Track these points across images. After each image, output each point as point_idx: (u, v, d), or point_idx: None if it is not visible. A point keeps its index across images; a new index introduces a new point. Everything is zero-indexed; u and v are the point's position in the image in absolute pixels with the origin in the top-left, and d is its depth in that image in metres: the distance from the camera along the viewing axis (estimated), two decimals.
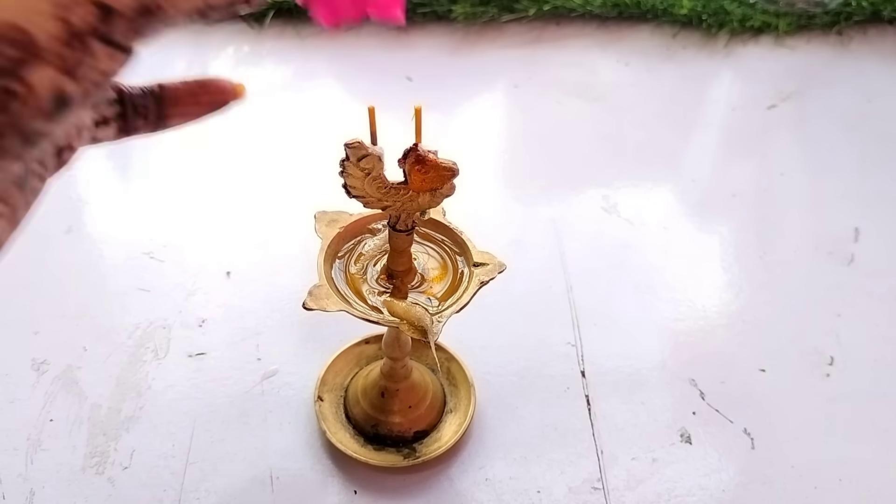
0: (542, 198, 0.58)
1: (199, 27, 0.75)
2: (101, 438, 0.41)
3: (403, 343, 0.38)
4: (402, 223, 0.32)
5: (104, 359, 0.45)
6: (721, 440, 0.42)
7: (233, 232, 0.54)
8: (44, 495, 0.38)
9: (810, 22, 0.77)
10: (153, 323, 0.47)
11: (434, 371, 0.44)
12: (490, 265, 0.34)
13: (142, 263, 0.51)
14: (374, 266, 0.35)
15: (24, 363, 0.44)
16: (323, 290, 0.32)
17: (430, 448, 0.40)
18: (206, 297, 0.49)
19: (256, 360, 0.45)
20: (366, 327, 0.38)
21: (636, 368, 0.46)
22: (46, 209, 0.61)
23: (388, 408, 0.40)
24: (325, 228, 0.35)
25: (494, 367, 0.45)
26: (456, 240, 0.36)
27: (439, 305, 0.33)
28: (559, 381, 0.45)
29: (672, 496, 0.40)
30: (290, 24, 0.74)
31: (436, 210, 0.35)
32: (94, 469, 0.40)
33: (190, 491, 0.39)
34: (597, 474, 0.41)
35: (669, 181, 0.60)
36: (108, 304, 0.48)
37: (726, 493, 0.40)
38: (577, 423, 0.43)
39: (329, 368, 0.44)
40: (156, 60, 0.75)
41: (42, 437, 0.41)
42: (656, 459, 0.41)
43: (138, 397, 0.43)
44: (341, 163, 0.29)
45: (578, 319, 0.48)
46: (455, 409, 0.42)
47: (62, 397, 0.43)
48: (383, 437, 0.40)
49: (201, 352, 0.46)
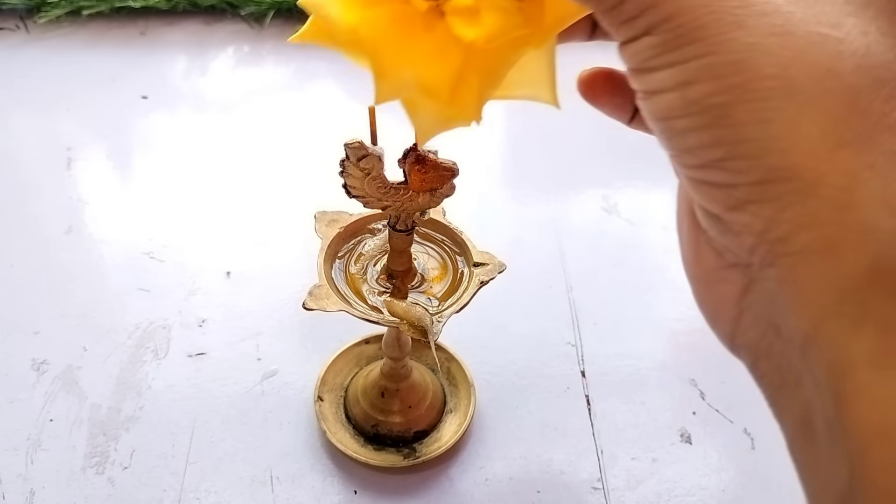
0: (542, 198, 0.58)
1: (200, 27, 0.75)
2: (101, 438, 0.41)
3: (403, 343, 0.38)
4: (402, 223, 0.32)
5: (104, 359, 0.45)
6: (721, 440, 0.42)
7: (233, 232, 0.54)
8: (44, 495, 0.38)
9: None
10: (153, 323, 0.47)
11: (434, 371, 0.44)
12: (490, 265, 0.34)
13: (142, 263, 0.51)
14: (374, 266, 0.35)
15: (24, 363, 0.44)
16: (323, 290, 0.32)
17: (430, 448, 0.40)
18: (206, 297, 0.49)
19: (256, 360, 0.45)
20: (366, 327, 0.38)
21: (636, 368, 0.46)
22: (46, 209, 0.61)
23: (388, 408, 0.40)
24: (325, 228, 0.35)
25: (494, 367, 0.45)
26: (456, 240, 0.36)
27: (439, 305, 0.33)
28: (559, 381, 0.45)
29: (672, 496, 0.40)
30: (290, 24, 0.74)
31: (436, 210, 0.35)
32: (94, 469, 0.40)
33: (190, 491, 0.39)
34: (597, 474, 0.41)
35: (669, 181, 0.59)
36: (108, 304, 0.48)
37: (726, 493, 0.40)
38: (577, 423, 0.43)
39: (329, 368, 0.44)
40: (156, 60, 0.76)
41: (42, 437, 0.41)
42: (656, 459, 0.41)
43: (138, 397, 0.43)
44: (341, 163, 0.29)
45: (578, 319, 0.48)
46: (455, 409, 0.42)
47: (62, 397, 0.43)
48: (383, 437, 0.40)
49: (201, 352, 0.46)
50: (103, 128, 0.63)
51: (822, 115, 0.17)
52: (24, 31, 0.73)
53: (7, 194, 0.56)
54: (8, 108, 0.65)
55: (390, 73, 0.21)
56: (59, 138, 0.61)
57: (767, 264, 0.18)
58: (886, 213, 0.17)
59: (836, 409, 0.17)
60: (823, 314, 0.17)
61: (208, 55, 0.72)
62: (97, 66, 0.69)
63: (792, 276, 0.18)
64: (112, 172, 0.59)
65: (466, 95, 0.22)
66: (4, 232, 0.53)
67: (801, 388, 0.19)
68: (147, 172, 0.59)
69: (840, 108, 0.17)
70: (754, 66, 0.17)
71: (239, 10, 0.74)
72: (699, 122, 0.18)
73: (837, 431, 0.17)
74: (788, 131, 0.17)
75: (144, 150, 0.61)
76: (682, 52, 0.18)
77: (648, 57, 0.19)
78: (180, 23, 0.75)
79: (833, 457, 0.17)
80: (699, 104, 0.18)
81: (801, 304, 0.18)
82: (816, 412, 0.18)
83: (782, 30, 0.17)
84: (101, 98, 0.66)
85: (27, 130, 0.63)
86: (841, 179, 0.17)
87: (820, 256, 0.17)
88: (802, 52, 0.17)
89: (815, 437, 0.18)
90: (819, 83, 0.17)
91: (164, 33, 0.74)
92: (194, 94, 0.67)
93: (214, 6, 0.75)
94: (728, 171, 0.18)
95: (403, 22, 0.21)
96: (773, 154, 0.17)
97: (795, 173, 0.17)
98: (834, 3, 0.18)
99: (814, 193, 0.17)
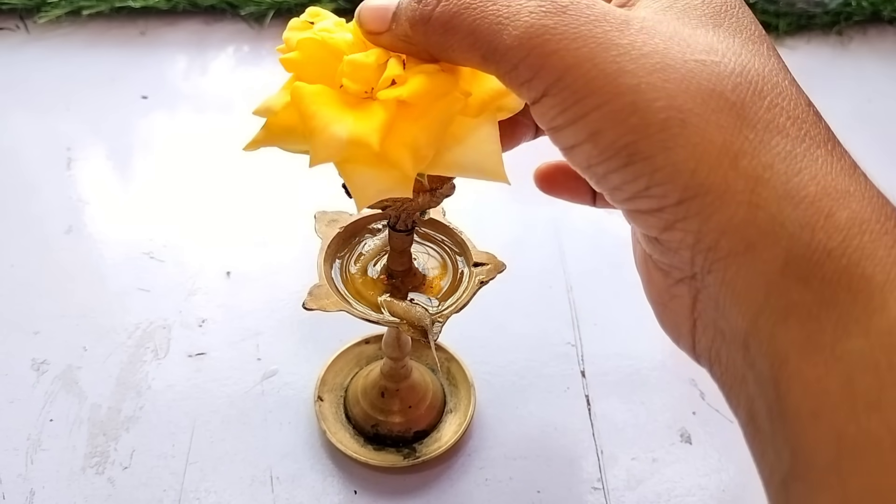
0: (542, 198, 0.58)
1: (200, 27, 0.75)
2: (101, 438, 0.41)
3: (403, 343, 0.38)
4: (402, 223, 0.32)
5: (104, 359, 0.45)
6: (721, 440, 0.42)
7: (233, 232, 0.54)
8: (44, 495, 0.38)
9: (810, 22, 0.77)
10: (153, 323, 0.47)
11: (434, 371, 0.44)
12: (490, 265, 0.34)
13: (142, 263, 0.51)
14: (374, 266, 0.35)
15: (24, 363, 0.44)
16: (323, 290, 0.32)
17: (430, 448, 0.40)
18: (206, 297, 0.49)
19: (256, 360, 0.45)
20: (366, 327, 0.38)
21: (636, 368, 0.46)
22: (46, 209, 0.61)
23: (388, 408, 0.40)
24: (325, 228, 0.35)
25: (494, 367, 0.45)
26: (456, 240, 0.36)
27: (439, 305, 0.33)
28: (559, 381, 0.45)
29: (672, 496, 0.40)
30: None
31: (436, 210, 0.35)
32: (94, 469, 0.40)
33: (190, 491, 0.39)
34: (597, 474, 0.41)
35: None
36: (108, 304, 0.48)
37: (726, 493, 0.40)
38: (577, 423, 0.43)
39: (329, 368, 0.44)
40: (156, 60, 0.75)
41: (42, 437, 0.41)
42: (656, 459, 0.41)
43: (138, 397, 0.43)
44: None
45: (578, 319, 0.48)
46: (455, 409, 0.42)
47: (62, 397, 0.43)
48: (383, 437, 0.40)
49: (201, 352, 0.46)
50: (103, 128, 0.63)
51: (716, 133, 0.19)
52: (24, 31, 0.73)
53: (7, 194, 0.56)
54: (8, 108, 0.65)
55: (324, 130, 0.23)
56: (59, 138, 0.61)
57: (706, 271, 0.20)
58: (790, 205, 0.18)
59: (776, 397, 0.18)
60: (756, 310, 0.19)
61: (208, 55, 0.72)
62: (97, 66, 0.69)
63: (726, 279, 0.19)
64: (112, 172, 0.59)
65: (398, 151, 0.23)
66: (4, 232, 0.53)
67: (745, 384, 0.20)
68: (147, 172, 0.59)
69: (730, 123, 0.19)
70: (645, 104, 0.19)
71: (239, 10, 0.74)
72: (616, 164, 0.20)
73: (777, 418, 0.19)
74: (691, 153, 0.19)
75: (144, 150, 0.61)
76: (579, 106, 0.20)
77: (553, 116, 0.21)
78: (180, 23, 0.75)
79: (776, 443, 0.19)
80: (610, 149, 0.20)
81: (737, 304, 0.19)
82: (759, 404, 0.19)
83: (661, 65, 0.19)
84: (101, 98, 0.66)
85: (27, 130, 0.63)
86: (746, 184, 0.19)
87: (744, 257, 0.19)
88: (684, 81, 0.19)
89: (759, 428, 0.20)
90: (706, 105, 0.19)
91: (164, 33, 0.74)
92: (194, 94, 0.67)
93: (214, 6, 0.75)
94: (653, 197, 0.20)
95: (336, 96, 0.23)
96: (684, 175, 0.19)
97: (707, 188, 0.19)
98: (706, 34, 0.21)
99: (727, 201, 0.19)
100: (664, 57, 0.20)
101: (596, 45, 0.20)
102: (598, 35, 0.20)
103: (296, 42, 0.24)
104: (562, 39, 0.20)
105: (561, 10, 0.20)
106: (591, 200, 0.32)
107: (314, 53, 0.24)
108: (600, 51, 0.19)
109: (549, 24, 0.20)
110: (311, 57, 0.24)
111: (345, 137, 0.22)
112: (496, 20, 0.20)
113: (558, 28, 0.20)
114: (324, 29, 0.24)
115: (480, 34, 0.20)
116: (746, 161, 0.19)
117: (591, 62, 0.19)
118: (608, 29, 0.20)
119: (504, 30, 0.20)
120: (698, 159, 0.19)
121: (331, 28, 0.25)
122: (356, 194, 0.25)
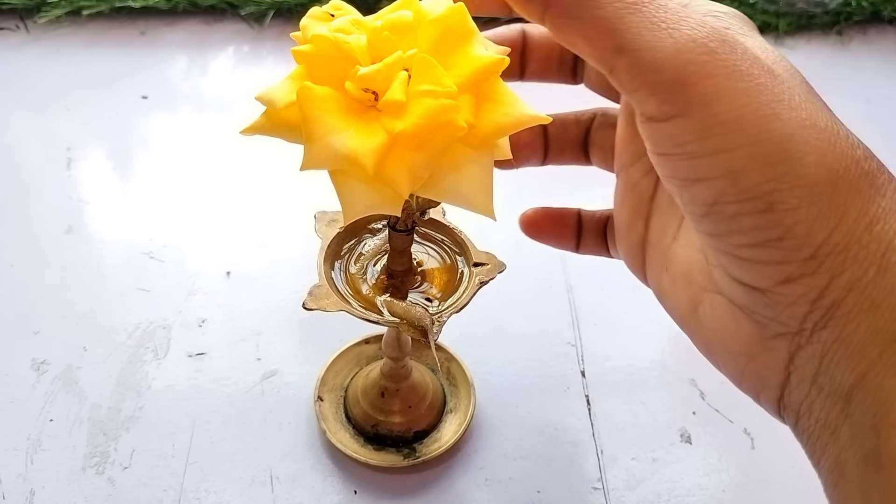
0: (543, 198, 0.58)
1: (200, 27, 0.75)
2: (101, 438, 0.41)
3: (403, 343, 0.38)
4: (402, 223, 0.32)
5: (104, 359, 0.45)
6: (721, 440, 0.42)
7: (233, 232, 0.54)
8: (44, 495, 0.38)
9: (810, 22, 0.77)
10: (153, 323, 0.47)
11: (434, 371, 0.44)
12: (490, 265, 0.34)
13: (142, 263, 0.51)
14: (374, 266, 0.35)
15: (24, 363, 0.44)
16: (323, 290, 0.32)
17: (430, 448, 0.40)
18: (206, 297, 0.49)
19: (256, 360, 0.45)
20: (366, 327, 0.38)
21: (636, 368, 0.46)
22: (46, 209, 0.61)
23: (388, 408, 0.40)
24: (325, 228, 0.35)
25: (494, 367, 0.45)
26: (456, 240, 0.36)
27: (439, 305, 0.33)
28: (559, 381, 0.45)
29: (672, 496, 0.40)
30: (290, 24, 0.74)
31: (436, 210, 0.35)
32: (94, 469, 0.40)
33: (190, 491, 0.39)
34: (597, 474, 0.41)
35: None
36: (108, 304, 0.48)
37: (726, 493, 0.40)
38: (577, 423, 0.43)
39: (329, 368, 0.44)
40: (156, 60, 0.75)
41: (42, 437, 0.41)
42: (656, 459, 0.41)
43: (138, 397, 0.43)
44: None
45: (578, 319, 0.48)
46: (455, 409, 0.42)
47: (62, 397, 0.43)
48: (383, 437, 0.40)
49: (201, 352, 0.46)
50: (103, 128, 0.63)
51: (857, 197, 0.20)
52: (24, 31, 0.73)
53: (7, 194, 0.56)
54: (8, 108, 0.65)
55: (322, 138, 0.22)
56: (59, 138, 0.61)
57: (821, 327, 0.20)
58: None
59: (875, 444, 0.19)
60: (867, 365, 0.19)
61: (208, 55, 0.72)
62: (97, 66, 0.69)
63: (843, 335, 0.20)
64: (112, 172, 0.59)
65: (395, 171, 0.23)
66: (4, 232, 0.53)
67: (836, 435, 0.20)
68: (147, 172, 0.59)
69: (866, 190, 0.20)
70: (798, 156, 0.19)
71: (239, 10, 0.74)
72: (752, 208, 0.20)
73: (872, 463, 0.19)
74: (833, 212, 0.20)
75: (144, 150, 0.61)
76: (725, 139, 0.20)
77: (689, 140, 0.20)
78: (180, 23, 0.75)
79: (864, 488, 0.19)
80: (750, 192, 0.20)
81: (847, 359, 0.20)
82: (849, 453, 0.20)
83: (811, 123, 0.20)
84: (101, 98, 0.66)
85: (27, 130, 0.63)
86: (879, 247, 0.20)
87: (866, 315, 0.19)
88: (830, 143, 0.20)
89: (845, 475, 0.20)
90: (849, 170, 0.20)
91: (164, 33, 0.74)
92: (194, 94, 0.67)
93: (214, 6, 0.75)
94: (782, 249, 0.20)
95: (341, 102, 0.23)
96: (823, 232, 0.20)
97: (843, 247, 0.20)
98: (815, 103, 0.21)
99: (860, 261, 0.20)
100: (810, 115, 0.20)
101: (753, 84, 0.20)
102: (755, 75, 0.20)
103: (311, 35, 0.24)
104: (721, 67, 0.20)
105: (720, 39, 0.20)
106: (574, 247, 0.33)
107: (326, 52, 0.24)
108: (756, 93, 0.20)
109: (712, 47, 0.20)
110: (322, 54, 0.24)
111: (341, 151, 0.22)
112: (654, 19, 0.20)
113: (719, 54, 0.20)
114: (340, 29, 0.24)
115: (625, 22, 0.20)
116: (880, 227, 0.20)
117: (746, 99, 0.19)
118: (761, 72, 0.20)
119: (662, 32, 0.20)
120: (839, 219, 0.19)
121: (347, 28, 0.24)
122: (345, 207, 0.24)
